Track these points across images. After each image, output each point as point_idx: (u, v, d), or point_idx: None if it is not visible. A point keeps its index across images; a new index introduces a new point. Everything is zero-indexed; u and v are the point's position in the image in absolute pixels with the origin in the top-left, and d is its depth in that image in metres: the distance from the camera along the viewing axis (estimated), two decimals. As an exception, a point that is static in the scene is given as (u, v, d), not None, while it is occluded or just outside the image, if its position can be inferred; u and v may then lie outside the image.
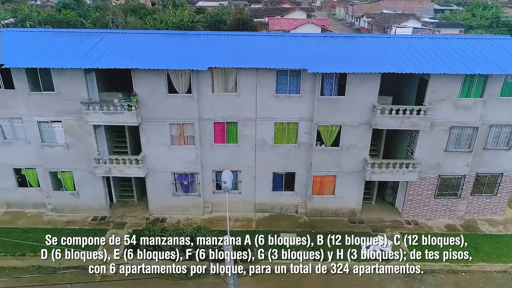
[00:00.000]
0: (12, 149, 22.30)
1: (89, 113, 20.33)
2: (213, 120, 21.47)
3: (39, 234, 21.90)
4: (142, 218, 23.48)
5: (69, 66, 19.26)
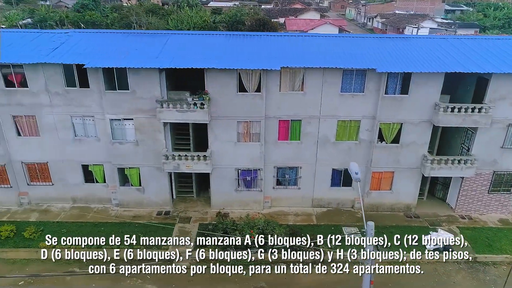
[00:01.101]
0: (82, 146, 23.11)
1: (163, 111, 21.14)
2: (278, 118, 22.27)
3: (109, 228, 22.75)
4: (204, 212, 24.33)
5: (150, 66, 20.10)
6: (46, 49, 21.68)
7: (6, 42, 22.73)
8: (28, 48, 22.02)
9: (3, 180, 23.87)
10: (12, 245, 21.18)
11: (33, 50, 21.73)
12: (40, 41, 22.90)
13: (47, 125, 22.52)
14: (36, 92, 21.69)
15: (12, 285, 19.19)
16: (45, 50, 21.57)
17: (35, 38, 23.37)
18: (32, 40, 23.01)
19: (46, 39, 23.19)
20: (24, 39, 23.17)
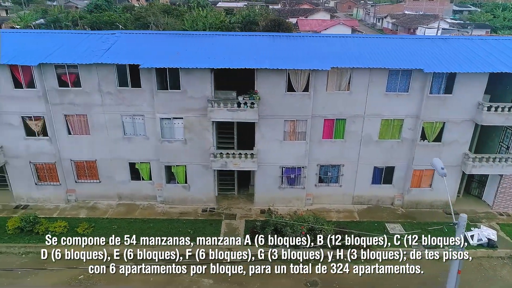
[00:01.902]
0: (130, 144, 23.69)
1: (213, 110, 21.72)
2: (324, 117, 22.85)
3: (158, 224, 23.34)
4: (248, 209, 24.89)
5: (204, 66, 20.69)
6: (99, 50, 22.25)
7: (58, 43, 23.43)
8: (81, 48, 22.58)
9: (52, 178, 24.45)
10: (67, 241, 21.70)
11: (86, 50, 22.29)
12: (90, 42, 23.46)
13: (97, 124, 23.10)
14: (88, 92, 22.27)
15: (71, 279, 19.74)
16: (98, 51, 22.14)
17: (84, 39, 23.94)
18: (82, 41, 23.57)
19: (95, 40, 23.76)
20: (74, 40, 23.74)
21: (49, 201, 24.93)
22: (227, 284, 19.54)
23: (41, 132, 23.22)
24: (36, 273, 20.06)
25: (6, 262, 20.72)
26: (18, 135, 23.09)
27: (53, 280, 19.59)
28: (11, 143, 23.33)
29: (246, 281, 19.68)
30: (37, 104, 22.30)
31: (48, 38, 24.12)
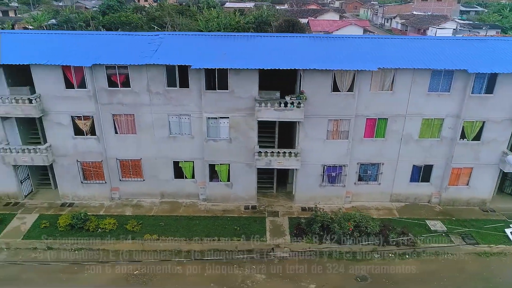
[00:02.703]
0: (175, 143, 24.19)
1: (261, 109, 22.22)
2: (366, 117, 23.36)
3: (203, 221, 23.84)
4: (289, 207, 25.40)
5: (253, 67, 21.20)
6: (148, 51, 22.76)
7: (104, 44, 23.97)
8: (129, 49, 23.10)
9: (98, 176, 24.95)
10: (118, 238, 22.23)
11: (135, 51, 22.79)
12: (136, 43, 23.97)
13: (144, 123, 23.60)
14: (137, 92, 22.77)
15: (127, 274, 20.25)
16: (146, 52, 22.64)
17: (130, 40, 24.47)
18: (128, 42, 24.10)
19: (141, 41, 24.26)
20: (120, 41, 24.28)
21: (93, 199, 25.44)
22: (279, 279, 20.04)
23: (89, 132, 23.72)
24: (91, 269, 20.59)
25: (60, 258, 21.23)
26: (67, 134, 23.60)
27: (110, 276, 20.11)
28: (60, 142, 23.84)
29: (298, 276, 20.19)
30: (87, 104, 22.81)
31: (92, 39, 24.63)
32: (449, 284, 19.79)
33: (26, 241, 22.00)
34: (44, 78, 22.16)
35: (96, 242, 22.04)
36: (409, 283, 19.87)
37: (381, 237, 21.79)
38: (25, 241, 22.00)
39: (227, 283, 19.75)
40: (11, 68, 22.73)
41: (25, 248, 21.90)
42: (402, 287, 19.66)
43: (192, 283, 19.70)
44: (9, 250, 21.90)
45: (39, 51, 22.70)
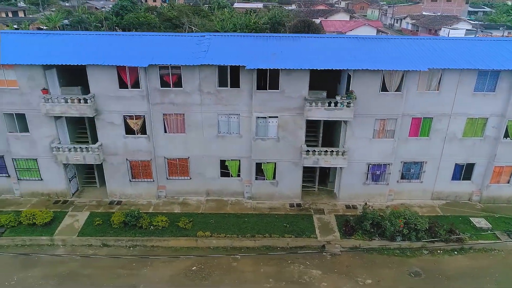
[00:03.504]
0: (223, 142, 24.65)
1: (311, 109, 22.68)
2: (412, 116, 23.82)
3: (251, 218, 24.29)
4: (333, 205, 25.85)
5: (306, 67, 21.67)
6: (199, 52, 23.23)
7: (155, 44, 24.43)
8: (181, 50, 23.56)
9: (147, 175, 25.40)
10: (172, 235, 22.69)
11: (186, 52, 23.26)
12: (185, 44, 24.45)
13: (194, 123, 24.06)
14: (189, 92, 23.22)
15: (185, 270, 20.69)
16: (198, 53, 23.11)
17: (179, 41, 24.94)
18: (178, 43, 24.58)
19: (190, 42, 24.75)
20: (170, 42, 24.73)
21: (141, 197, 25.89)
22: (335, 274, 20.49)
23: (140, 131, 24.16)
24: (149, 265, 21.05)
25: (117, 255, 21.67)
26: (118, 134, 24.05)
27: (169, 271, 20.54)
28: (111, 141, 24.29)
29: (353, 272, 20.64)
30: (140, 103, 23.27)
31: (142, 40, 25.08)
32: (502, 279, 20.24)
33: (82, 238, 22.46)
34: (99, 78, 22.61)
35: (151, 239, 22.51)
36: (462, 279, 20.32)
37: (430, 233, 22.26)
38: (81, 238, 22.46)
39: (285, 278, 20.18)
40: (62, 68, 23.24)
41: (81, 245, 22.34)
42: (456, 282, 20.10)
43: (250, 279, 20.14)
44: (65, 246, 22.34)
45: (94, 51, 23.14)
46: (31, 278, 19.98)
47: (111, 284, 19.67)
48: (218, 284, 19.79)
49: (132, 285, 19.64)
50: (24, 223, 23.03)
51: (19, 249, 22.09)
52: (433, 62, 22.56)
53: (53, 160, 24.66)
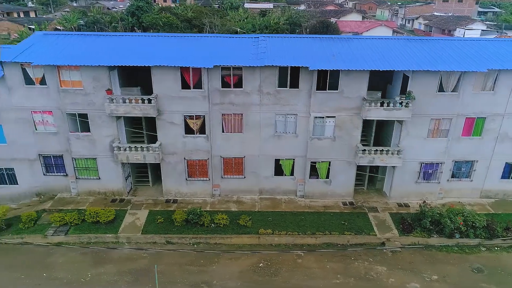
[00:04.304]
0: (279, 141, 25.11)
1: (370, 109, 23.15)
2: (466, 116, 24.30)
3: (308, 216, 24.77)
4: (385, 203, 26.32)
5: (369, 68, 22.12)
6: (259, 53, 23.71)
7: (214, 46, 24.91)
8: (240, 51, 24.05)
9: (203, 173, 25.87)
10: (234, 232, 23.17)
11: (245, 53, 23.76)
12: (241, 45, 24.96)
13: (251, 123, 24.51)
14: (249, 92, 23.69)
15: (253, 267, 21.16)
16: (258, 54, 23.60)
17: (236, 42, 25.43)
18: (235, 44, 25.06)
19: (244, 43, 25.26)
20: (228, 44, 25.23)
21: (196, 195, 26.36)
22: (400, 271, 20.97)
23: (199, 130, 24.62)
24: (216, 262, 21.53)
25: (182, 252, 22.15)
26: (178, 133, 24.51)
27: (237, 268, 21.01)
28: (170, 141, 24.75)
29: (417, 268, 21.12)
30: (201, 104, 23.73)
31: (198, 42, 25.57)
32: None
33: (146, 236, 22.91)
34: (162, 79, 23.05)
35: (214, 236, 22.98)
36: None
37: (488, 231, 22.76)
38: (145, 236, 22.92)
39: (352, 274, 20.67)
40: (121, 69, 23.71)
41: (145, 242, 22.82)
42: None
43: (318, 275, 20.61)
44: (130, 244, 22.81)
45: (157, 52, 23.61)
46: (105, 275, 20.45)
47: (185, 280, 20.14)
48: (288, 280, 20.27)
49: (205, 281, 20.11)
50: (88, 221, 23.50)
51: (83, 247, 22.56)
52: (490, 63, 23.04)
53: (111, 160, 25.13)
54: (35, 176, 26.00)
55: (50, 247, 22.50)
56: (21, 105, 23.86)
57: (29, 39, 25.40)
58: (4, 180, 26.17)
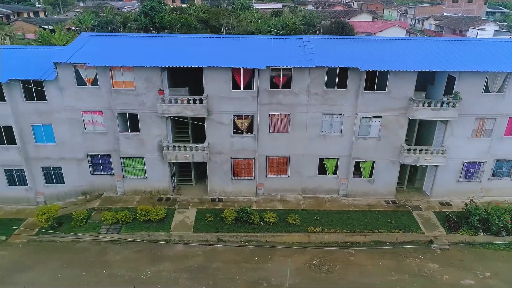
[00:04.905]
0: (324, 141, 25.52)
1: (418, 109, 23.56)
2: (509, 116, 24.69)
3: (353, 215, 25.17)
4: (426, 201, 26.74)
5: (421, 69, 22.53)
6: (306, 54, 24.11)
7: (258, 47, 25.31)
8: (287, 52, 24.45)
9: (248, 173, 26.27)
10: (284, 230, 23.58)
11: (294, 54, 24.15)
12: (287, 46, 25.36)
13: (298, 123, 24.91)
14: (297, 93, 24.08)
15: (307, 264, 21.55)
16: (307, 55, 23.99)
17: (281, 43, 25.81)
18: (281, 46, 25.46)
19: (289, 44, 25.67)
20: (274, 45, 25.61)
21: (240, 194, 26.76)
22: (453, 268, 21.37)
23: (246, 130, 25.01)
24: (270, 259, 21.91)
25: (236, 250, 22.55)
26: (226, 133, 24.91)
27: (292, 265, 21.36)
28: (217, 140, 25.14)
29: (468, 265, 21.52)
30: (250, 104, 24.12)
31: (245, 43, 25.98)
32: None
33: (198, 234, 23.30)
34: (213, 79, 23.44)
35: (264, 234, 23.38)
36: None
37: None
38: (197, 234, 23.31)
39: (406, 271, 21.06)
40: (170, 70, 24.13)
41: (197, 240, 23.20)
42: None
43: (373, 272, 21.00)
44: (182, 242, 23.19)
45: (207, 53, 24.03)
46: (164, 272, 20.84)
47: (243, 277, 20.52)
48: (344, 277, 20.66)
49: (263, 278, 20.51)
50: (140, 220, 23.89)
51: (138, 244, 22.96)
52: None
53: (158, 159, 25.54)
54: (81, 176, 26.39)
55: (103, 245, 22.90)
56: (72, 106, 24.24)
57: (77, 40, 25.78)
58: (51, 179, 26.56)
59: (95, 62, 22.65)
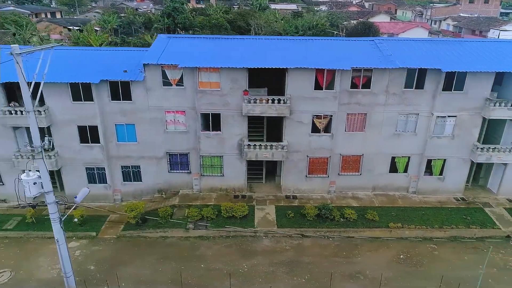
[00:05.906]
0: (397, 140, 26.27)
1: (495, 109, 24.34)
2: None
3: (427, 211, 25.91)
4: (494, 199, 27.50)
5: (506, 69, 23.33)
6: (385, 55, 24.88)
7: (333, 48, 26.04)
8: (364, 54, 25.24)
9: (322, 171, 27.02)
10: (365, 226, 24.34)
11: (372, 55, 24.92)
12: (363, 47, 26.14)
13: (374, 122, 25.67)
14: (375, 93, 24.84)
15: (395, 258, 22.28)
16: (385, 56, 24.76)
17: (355, 45, 26.58)
18: (351, 47, 26.28)
19: (361, 45, 26.48)
20: (347, 46, 26.41)
21: (313, 191, 27.51)
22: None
23: (324, 129, 25.76)
24: (358, 254, 22.65)
25: (321, 245, 23.29)
26: (304, 132, 25.66)
27: (382, 259, 22.12)
28: (295, 139, 25.89)
29: None
30: (331, 104, 24.86)
31: (320, 45, 26.77)
32: None
33: (284, 229, 24.04)
34: (297, 80, 24.18)
35: (346, 230, 24.13)
36: None
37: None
38: (283, 229, 24.04)
39: (492, 265, 21.74)
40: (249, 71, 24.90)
41: (281, 236, 23.94)
42: None
43: (460, 265, 21.75)
44: (267, 237, 23.93)
45: (290, 54, 24.80)
46: (259, 266, 21.57)
47: (338, 270, 21.25)
48: (434, 270, 21.39)
49: (358, 271, 21.25)
50: (224, 216, 24.64)
51: (226, 239, 23.72)
52: None
53: (236, 157, 26.30)
54: (159, 174, 27.12)
55: (192, 240, 23.65)
56: (156, 106, 24.98)
57: (157, 42, 26.49)
58: (130, 177, 27.29)
59: (185, 63, 23.39)
